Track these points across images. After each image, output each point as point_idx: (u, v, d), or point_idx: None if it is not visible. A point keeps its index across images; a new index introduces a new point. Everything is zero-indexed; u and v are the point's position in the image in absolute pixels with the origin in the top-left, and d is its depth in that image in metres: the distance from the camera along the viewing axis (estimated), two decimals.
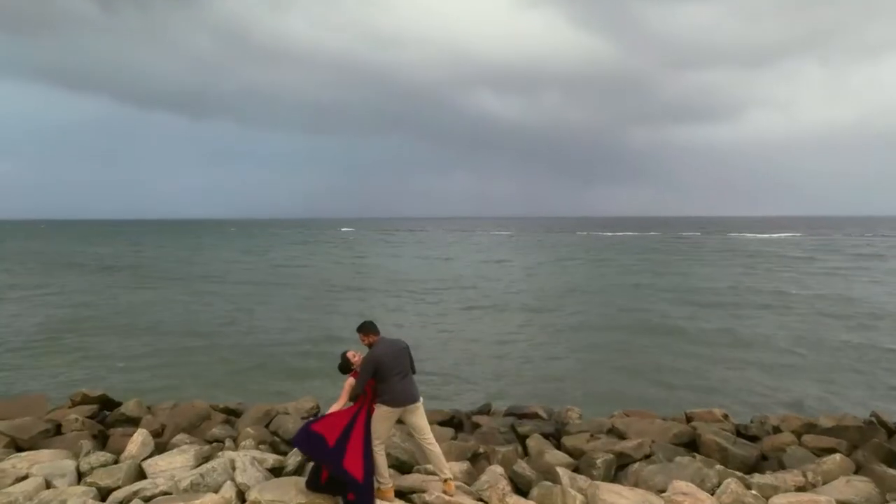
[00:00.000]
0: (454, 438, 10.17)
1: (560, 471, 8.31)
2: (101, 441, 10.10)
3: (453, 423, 11.23)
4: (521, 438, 10.28)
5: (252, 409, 11.12)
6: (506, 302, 31.09)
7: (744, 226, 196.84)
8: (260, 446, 9.67)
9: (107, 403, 11.57)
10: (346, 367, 7.69)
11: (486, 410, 11.82)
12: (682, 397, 14.81)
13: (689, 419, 10.91)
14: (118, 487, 8.09)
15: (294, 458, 8.76)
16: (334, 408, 7.50)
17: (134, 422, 10.99)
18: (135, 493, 7.76)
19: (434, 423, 10.89)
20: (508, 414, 11.31)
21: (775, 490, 7.88)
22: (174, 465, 8.84)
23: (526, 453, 9.74)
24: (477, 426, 10.77)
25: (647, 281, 40.18)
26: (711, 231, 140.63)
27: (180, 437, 9.94)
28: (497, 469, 8.37)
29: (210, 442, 9.93)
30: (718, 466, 8.66)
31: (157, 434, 10.18)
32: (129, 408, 11.32)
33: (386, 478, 7.45)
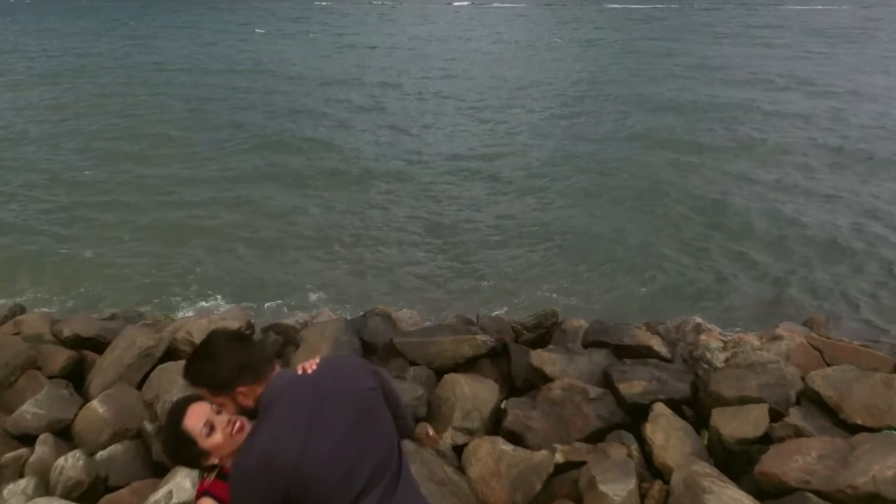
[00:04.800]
0: (499, 421, 5.22)
1: None
2: None
3: (495, 355, 6.25)
4: (632, 415, 5.32)
5: (124, 335, 6.03)
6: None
7: None
8: (102, 455, 4.77)
9: None
10: (186, 455, 2.32)
11: (548, 326, 6.74)
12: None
13: None
14: None
15: None
16: None
17: None
18: None
19: (460, 365, 5.95)
20: (593, 343, 6.22)
21: None
22: None
23: (653, 469, 4.82)
24: (540, 377, 5.74)
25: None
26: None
27: None
28: None
29: (17, 437, 5.02)
30: None
31: None
32: None
33: None
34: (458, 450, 5.02)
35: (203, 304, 8.83)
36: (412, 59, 38.60)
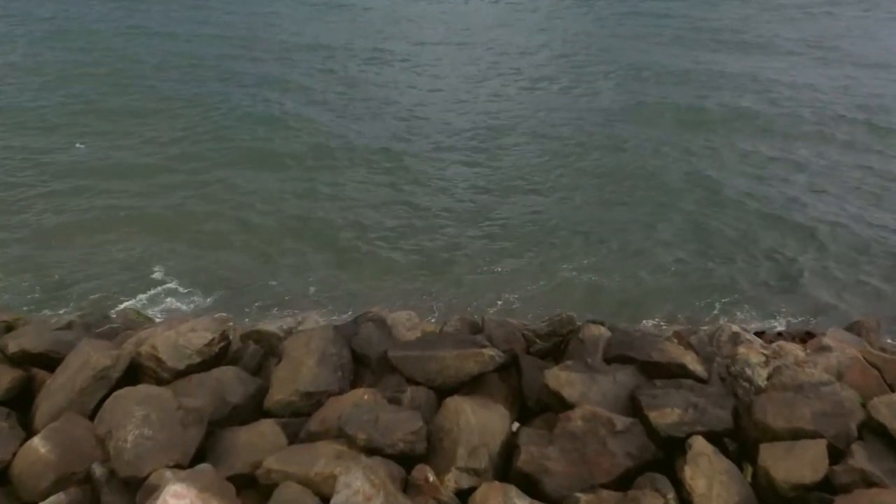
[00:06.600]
0: (510, 457, 4.47)
1: None
2: None
3: (504, 369, 5.49)
4: (666, 449, 4.58)
5: (78, 351, 5.25)
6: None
7: None
8: None
9: None
10: None
11: (562, 334, 5.97)
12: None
13: None
14: None
15: None
16: None
17: None
18: None
19: (464, 383, 5.20)
20: (617, 357, 5.44)
21: None
22: None
23: None
24: (558, 401, 4.99)
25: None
26: None
27: None
28: None
29: None
30: None
31: None
32: None
33: None
34: (463, 495, 4.31)
35: (178, 303, 8.07)
36: (408, 22, 37.05)
